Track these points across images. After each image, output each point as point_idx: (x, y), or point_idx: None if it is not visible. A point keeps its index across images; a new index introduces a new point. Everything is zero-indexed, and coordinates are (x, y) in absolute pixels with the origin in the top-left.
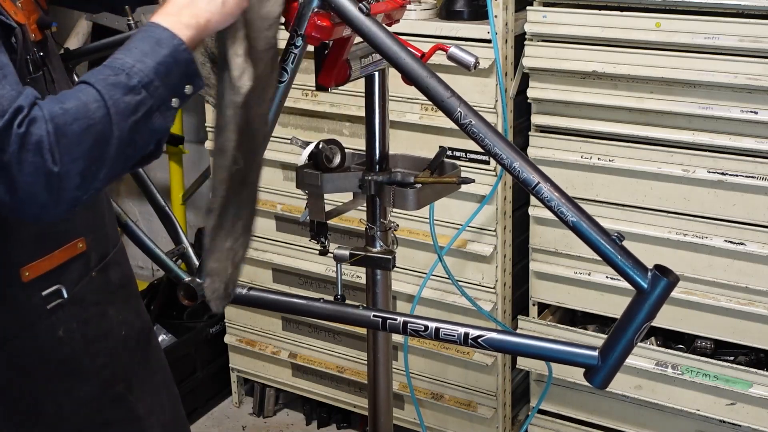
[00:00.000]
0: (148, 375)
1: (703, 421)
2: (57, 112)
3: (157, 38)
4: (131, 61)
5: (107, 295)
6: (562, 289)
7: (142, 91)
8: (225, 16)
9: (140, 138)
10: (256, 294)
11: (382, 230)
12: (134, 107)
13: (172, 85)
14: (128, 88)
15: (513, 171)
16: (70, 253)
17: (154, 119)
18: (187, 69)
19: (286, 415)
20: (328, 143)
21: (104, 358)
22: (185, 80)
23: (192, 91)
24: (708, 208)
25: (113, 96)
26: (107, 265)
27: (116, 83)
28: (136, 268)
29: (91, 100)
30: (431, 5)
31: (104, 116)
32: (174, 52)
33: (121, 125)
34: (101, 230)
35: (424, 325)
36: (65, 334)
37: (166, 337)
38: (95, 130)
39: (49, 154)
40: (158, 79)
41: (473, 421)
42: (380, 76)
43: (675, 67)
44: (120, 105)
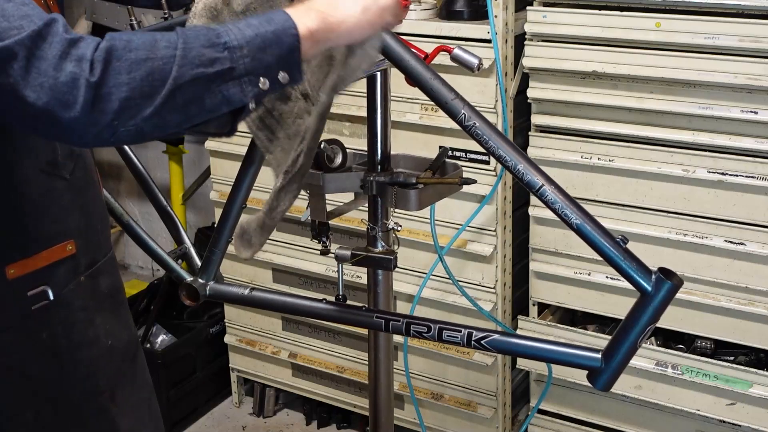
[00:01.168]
0: (134, 390)
1: (703, 421)
2: (120, 38)
3: (271, 17)
4: (233, 26)
5: (95, 302)
6: (562, 289)
7: (225, 52)
8: (363, 25)
9: (209, 98)
10: (258, 295)
11: (384, 230)
12: (208, 61)
13: (264, 63)
14: (211, 43)
15: (517, 173)
16: (58, 255)
17: (230, 85)
18: (287, 54)
19: (286, 415)
20: (330, 143)
21: (88, 367)
22: (281, 65)
23: (287, 81)
24: (708, 208)
25: (190, 43)
26: (97, 271)
27: (202, 35)
28: (136, 268)
29: (163, 39)
30: (431, 5)
31: (169, 57)
32: (280, 31)
33: (184, 71)
34: (93, 236)
35: (427, 326)
36: (48, 338)
37: (166, 337)
38: (152, 65)
39: (88, 65)
40: (249, 49)
41: (473, 421)
42: (382, 76)
43: (675, 67)
44: (192, 53)
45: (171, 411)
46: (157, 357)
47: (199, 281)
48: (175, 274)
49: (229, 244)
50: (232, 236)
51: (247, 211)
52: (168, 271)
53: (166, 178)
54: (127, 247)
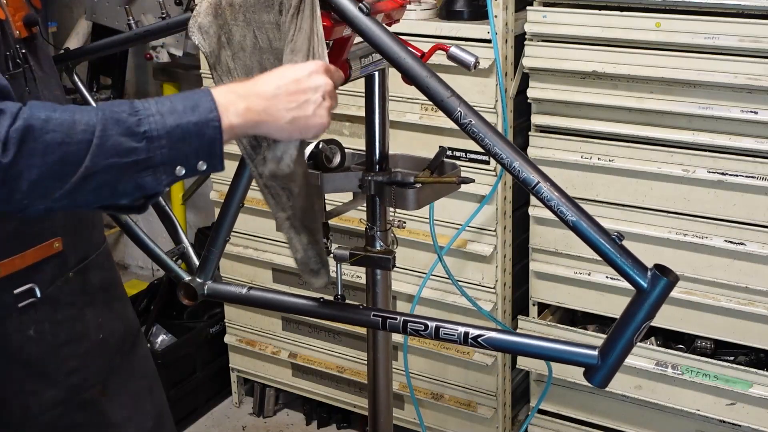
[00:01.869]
0: (129, 381)
1: (703, 421)
2: (38, 116)
3: (196, 103)
4: (155, 110)
5: (85, 296)
6: (562, 289)
7: (143, 142)
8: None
9: (121, 184)
10: (256, 294)
11: (382, 230)
12: (124, 151)
13: (182, 153)
14: (130, 132)
15: (513, 170)
16: (44, 253)
17: (144, 174)
18: (208, 147)
19: (286, 415)
20: (328, 143)
21: (76, 361)
22: (201, 156)
23: (206, 169)
24: (708, 208)
25: (108, 130)
26: (87, 267)
27: (122, 120)
28: (136, 268)
29: (82, 122)
30: (431, 5)
31: (86, 142)
32: (202, 123)
33: (97, 160)
34: (81, 232)
35: (424, 324)
36: (36, 335)
37: (166, 337)
38: (67, 150)
39: (1, 145)
40: (168, 139)
41: (473, 421)
42: (380, 75)
43: (675, 67)
44: (109, 141)
45: (171, 411)
46: (157, 357)
47: (197, 281)
48: (173, 274)
49: (227, 243)
50: (229, 235)
51: (244, 211)
52: (166, 271)
53: None
54: (127, 247)
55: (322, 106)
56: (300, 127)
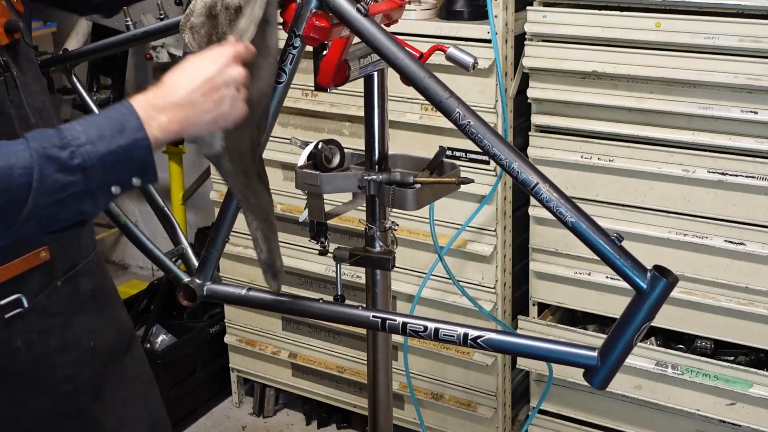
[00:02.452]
0: (122, 386)
1: (703, 421)
2: None
3: (122, 125)
4: (83, 138)
5: (74, 305)
6: (562, 289)
7: (79, 174)
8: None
9: (64, 214)
10: (256, 294)
11: (382, 230)
12: (62, 186)
13: (116, 176)
14: (64, 167)
15: (512, 171)
16: (31, 263)
17: (83, 201)
18: (140, 164)
19: (286, 415)
20: (328, 143)
21: (66, 370)
22: (134, 174)
23: (141, 183)
24: (708, 208)
25: (44, 170)
26: (76, 274)
27: (54, 157)
28: (136, 268)
29: (18, 166)
30: (431, 5)
31: (24, 185)
32: (132, 146)
33: (39, 200)
34: (69, 240)
35: (423, 326)
36: (24, 345)
37: (166, 337)
38: (9, 196)
39: None
40: (101, 167)
41: (473, 421)
42: (379, 76)
43: (675, 67)
44: (47, 182)
45: (171, 411)
46: (157, 357)
47: (196, 281)
48: (172, 275)
49: (227, 243)
50: (228, 236)
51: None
52: (165, 272)
53: (166, 179)
54: (127, 248)
55: (237, 98)
56: (219, 122)
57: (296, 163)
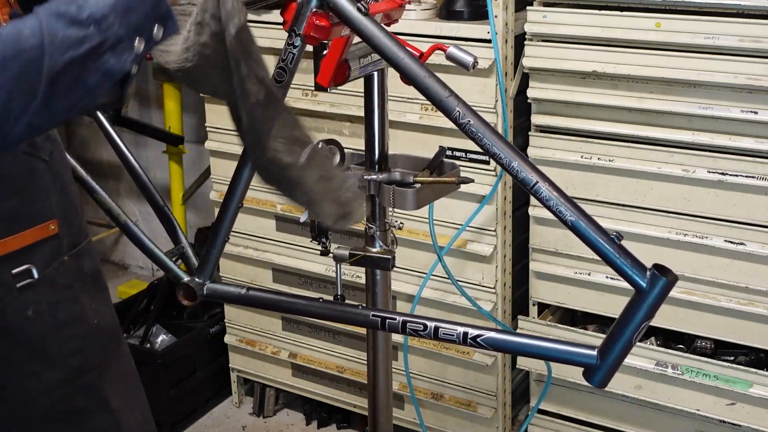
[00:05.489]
0: (120, 374)
1: (703, 421)
2: None
3: None
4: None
5: (80, 282)
6: (562, 289)
7: (91, 27)
8: None
9: (89, 76)
10: (256, 294)
11: (382, 230)
12: (76, 42)
13: (134, 25)
14: (74, 21)
15: (511, 170)
16: (41, 234)
17: (105, 58)
18: (154, 8)
19: (286, 415)
20: (328, 143)
21: (75, 344)
22: (152, 20)
23: (164, 34)
24: (708, 208)
25: (53, 27)
26: (80, 253)
27: (62, 14)
28: (136, 268)
29: (27, 27)
30: (431, 5)
31: (36, 46)
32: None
33: (55, 57)
34: (74, 217)
35: (423, 325)
36: (35, 315)
37: (166, 337)
38: (23, 60)
39: None
40: (114, 15)
41: (473, 421)
42: (379, 76)
43: (675, 67)
44: (57, 36)
45: (171, 411)
46: (157, 357)
47: (197, 281)
48: (172, 274)
49: (227, 243)
50: (229, 235)
51: (244, 211)
52: (165, 272)
53: (166, 178)
54: (127, 247)
55: None
56: None
57: None
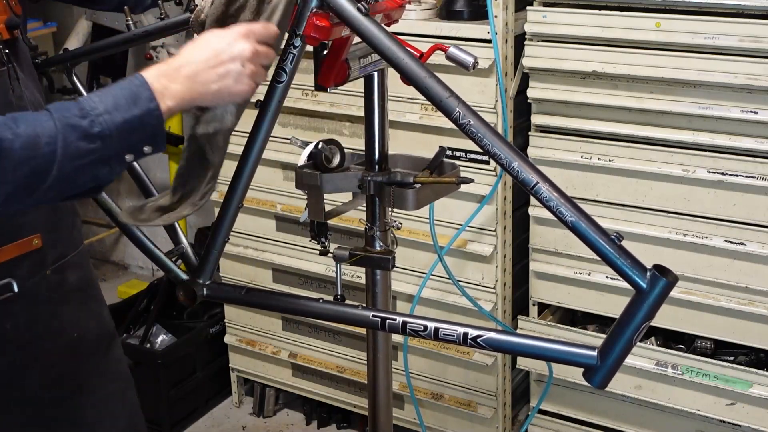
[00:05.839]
0: (102, 383)
1: (703, 421)
2: (6, 135)
3: (136, 95)
4: (101, 108)
5: (62, 295)
6: (562, 289)
7: (98, 141)
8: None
9: (81, 179)
10: (256, 294)
11: (382, 230)
12: (83, 153)
13: (130, 143)
14: (85, 135)
15: (512, 171)
16: (23, 248)
17: (100, 167)
18: (151, 133)
19: (286, 415)
20: (328, 143)
21: (51, 357)
22: (146, 142)
23: (151, 151)
24: (708, 208)
25: (68, 138)
26: (65, 265)
27: (76, 126)
28: (136, 268)
29: (44, 134)
30: (431, 5)
31: (51, 153)
32: (145, 115)
33: (64, 166)
34: (61, 230)
35: (423, 325)
36: (12, 329)
37: (166, 337)
38: (36, 164)
39: None
40: (118, 135)
41: (473, 421)
42: (379, 76)
43: (675, 67)
44: (70, 148)
45: (171, 411)
46: (157, 357)
47: (197, 281)
48: (172, 275)
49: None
50: (229, 236)
51: (244, 211)
52: (165, 272)
53: (166, 178)
54: (127, 247)
55: (243, 74)
56: (225, 96)
57: (296, 163)
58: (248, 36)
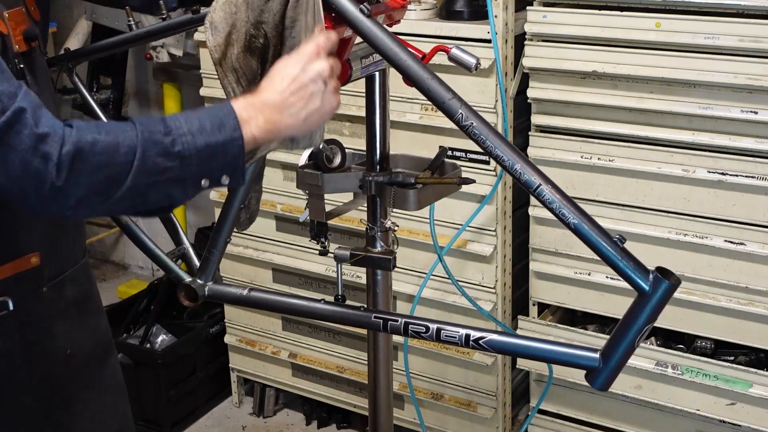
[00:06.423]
0: (94, 395)
1: (703, 421)
2: (87, 138)
3: (222, 122)
4: (185, 129)
5: (57, 311)
6: (562, 289)
7: (176, 160)
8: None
9: (154, 196)
10: (256, 295)
11: (383, 230)
12: (161, 170)
13: (208, 169)
14: (166, 152)
15: (514, 173)
16: (21, 267)
17: (174, 187)
18: (231, 162)
19: (286, 415)
20: (329, 143)
21: (43, 373)
22: (225, 170)
23: (228, 182)
24: (708, 208)
25: (147, 151)
26: (62, 281)
27: (158, 142)
28: (136, 268)
29: (125, 144)
30: (431, 5)
31: (127, 164)
32: (228, 142)
33: (138, 179)
34: (60, 247)
35: (425, 327)
36: (5, 347)
37: (166, 337)
38: (112, 171)
39: (55, 168)
40: (198, 158)
41: (473, 421)
42: (381, 76)
43: (675, 67)
44: (148, 162)
45: (171, 411)
46: (157, 357)
47: (198, 282)
48: (173, 275)
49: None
50: (230, 236)
51: None
52: (167, 272)
53: None
54: (127, 248)
55: (327, 91)
56: (316, 120)
57: (297, 163)
58: (319, 53)
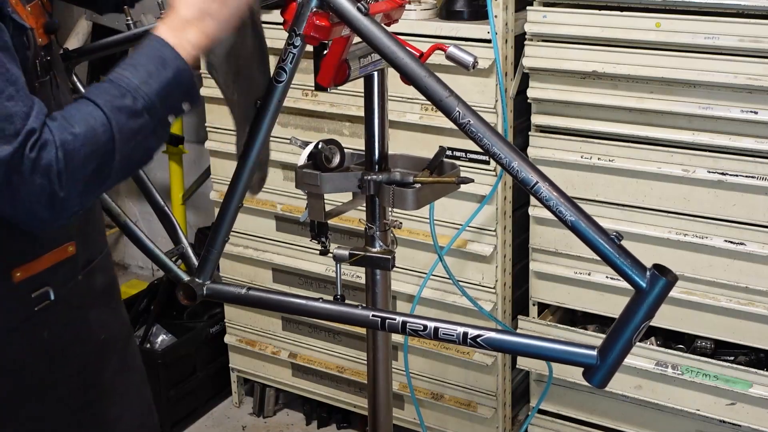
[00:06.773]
0: (124, 378)
1: (703, 421)
2: (67, 138)
3: (162, 57)
4: (137, 81)
5: (90, 299)
6: (562, 289)
7: (145, 115)
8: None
9: (137, 155)
10: (256, 294)
11: (382, 230)
12: (137, 130)
13: (171, 105)
14: (133, 112)
15: (511, 170)
16: (60, 256)
17: (151, 140)
18: (187, 90)
19: (286, 415)
20: (328, 143)
21: (78, 363)
22: (184, 99)
23: (189, 108)
24: (708, 208)
25: (119, 121)
26: (93, 269)
27: (122, 107)
28: (136, 268)
29: (98, 125)
30: (431, 5)
31: (109, 141)
32: (177, 73)
33: (123, 149)
34: (91, 235)
35: (423, 325)
36: (49, 337)
37: (166, 337)
38: (100, 154)
39: (56, 178)
40: (159, 101)
41: (473, 421)
42: (379, 75)
43: (675, 67)
44: (124, 130)
45: (171, 411)
46: (157, 357)
47: (197, 281)
48: (172, 274)
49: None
50: (229, 236)
51: (243, 211)
52: (165, 272)
53: (166, 178)
54: (127, 247)
55: None
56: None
57: (296, 163)
58: None
